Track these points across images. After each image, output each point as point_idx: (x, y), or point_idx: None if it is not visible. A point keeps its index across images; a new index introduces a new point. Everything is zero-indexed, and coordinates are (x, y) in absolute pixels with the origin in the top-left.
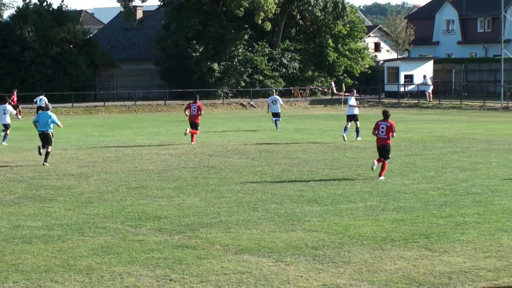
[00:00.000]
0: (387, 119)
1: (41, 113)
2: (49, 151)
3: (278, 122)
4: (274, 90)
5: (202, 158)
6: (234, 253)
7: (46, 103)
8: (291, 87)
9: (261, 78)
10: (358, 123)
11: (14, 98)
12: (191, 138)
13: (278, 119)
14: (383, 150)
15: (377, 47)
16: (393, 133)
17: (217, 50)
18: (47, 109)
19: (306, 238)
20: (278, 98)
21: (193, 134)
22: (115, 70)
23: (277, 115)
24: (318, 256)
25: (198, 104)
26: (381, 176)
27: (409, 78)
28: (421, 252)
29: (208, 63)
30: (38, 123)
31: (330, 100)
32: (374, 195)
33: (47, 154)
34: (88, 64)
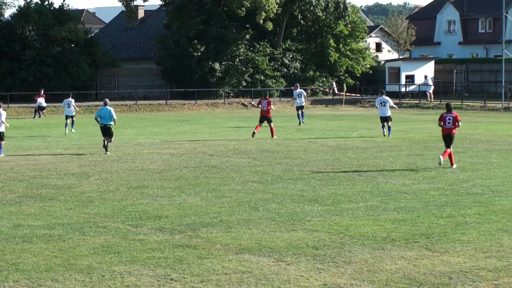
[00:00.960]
0: (451, 111)
1: (102, 108)
2: (111, 141)
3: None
4: (298, 85)
5: (203, 157)
6: (235, 252)
7: (104, 100)
8: (292, 87)
9: (262, 78)
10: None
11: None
12: (271, 134)
13: (303, 113)
14: (449, 139)
15: (378, 47)
16: (458, 122)
17: (218, 49)
18: (106, 104)
19: (307, 238)
20: (303, 91)
21: (271, 130)
22: (116, 70)
23: (301, 108)
24: (318, 255)
25: (268, 99)
26: (453, 165)
27: (410, 79)
28: (421, 252)
29: (209, 63)
30: (100, 118)
31: (331, 100)
32: (375, 195)
33: (109, 143)
34: (89, 63)
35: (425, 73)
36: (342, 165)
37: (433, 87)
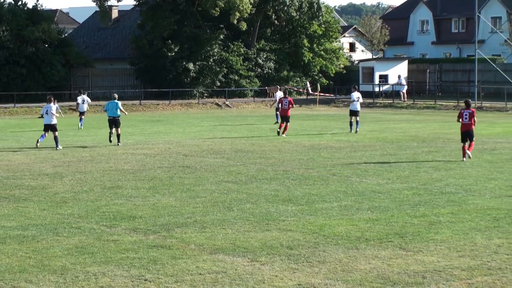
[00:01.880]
0: (469, 107)
1: (110, 101)
2: (119, 133)
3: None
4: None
5: (177, 158)
6: (209, 253)
7: (113, 94)
8: (266, 87)
9: (236, 78)
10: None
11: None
12: (283, 131)
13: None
14: (468, 134)
15: (352, 47)
16: (474, 118)
17: (192, 50)
18: (114, 98)
19: (281, 238)
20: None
21: (285, 128)
22: (90, 70)
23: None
24: (293, 255)
25: (289, 98)
26: (469, 150)
27: (383, 78)
28: (395, 251)
29: (183, 63)
30: (108, 110)
31: (305, 100)
32: (349, 195)
33: (119, 136)
34: (63, 63)
35: (398, 73)
36: (316, 164)
37: (406, 87)
